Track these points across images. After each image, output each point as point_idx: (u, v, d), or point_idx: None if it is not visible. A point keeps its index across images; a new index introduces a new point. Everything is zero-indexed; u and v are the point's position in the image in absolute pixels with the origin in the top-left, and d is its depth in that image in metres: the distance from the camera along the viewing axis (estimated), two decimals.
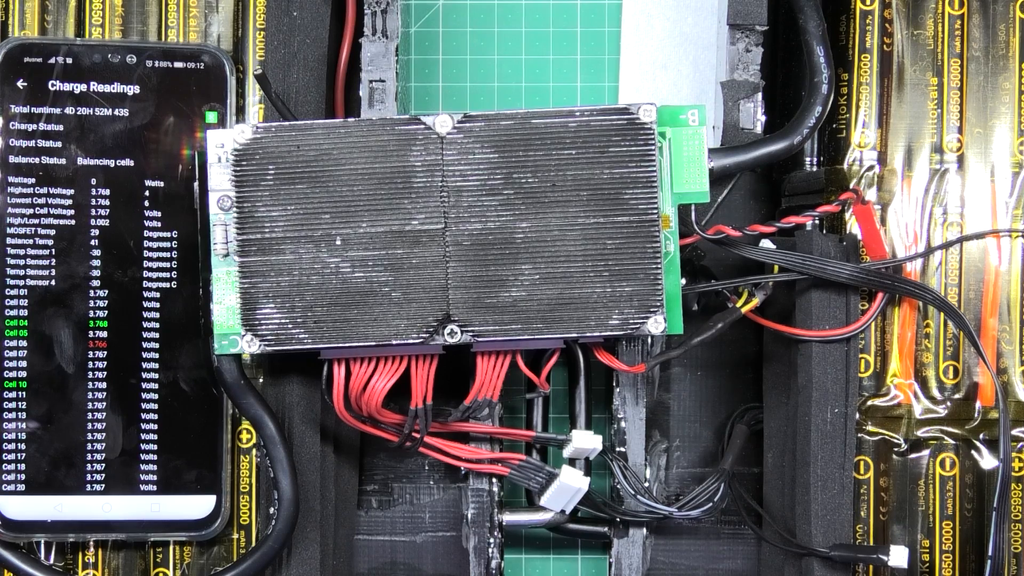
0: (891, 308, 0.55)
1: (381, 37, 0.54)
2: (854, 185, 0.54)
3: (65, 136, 0.54)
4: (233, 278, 0.50)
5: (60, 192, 0.54)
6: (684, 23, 0.61)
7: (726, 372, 0.60)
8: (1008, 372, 0.54)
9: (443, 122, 0.49)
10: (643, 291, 0.49)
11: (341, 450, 0.56)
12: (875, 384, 0.55)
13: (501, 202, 0.49)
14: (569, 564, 0.61)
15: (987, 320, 0.54)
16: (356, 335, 0.49)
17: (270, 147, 0.49)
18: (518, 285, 0.49)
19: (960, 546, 0.55)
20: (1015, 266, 0.55)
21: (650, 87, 0.61)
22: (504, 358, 0.51)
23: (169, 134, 0.54)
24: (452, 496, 0.60)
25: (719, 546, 0.60)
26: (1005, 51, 0.55)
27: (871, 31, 0.55)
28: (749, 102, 0.54)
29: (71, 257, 0.54)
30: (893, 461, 0.55)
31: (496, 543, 0.56)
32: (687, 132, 0.51)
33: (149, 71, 0.54)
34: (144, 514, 0.54)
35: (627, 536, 0.57)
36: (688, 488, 0.56)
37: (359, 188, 0.49)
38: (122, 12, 0.55)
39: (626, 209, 0.49)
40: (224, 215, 0.50)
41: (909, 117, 0.55)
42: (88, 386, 0.54)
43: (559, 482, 0.54)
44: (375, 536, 0.60)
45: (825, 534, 0.53)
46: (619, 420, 0.55)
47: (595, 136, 0.49)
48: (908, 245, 0.55)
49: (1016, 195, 0.55)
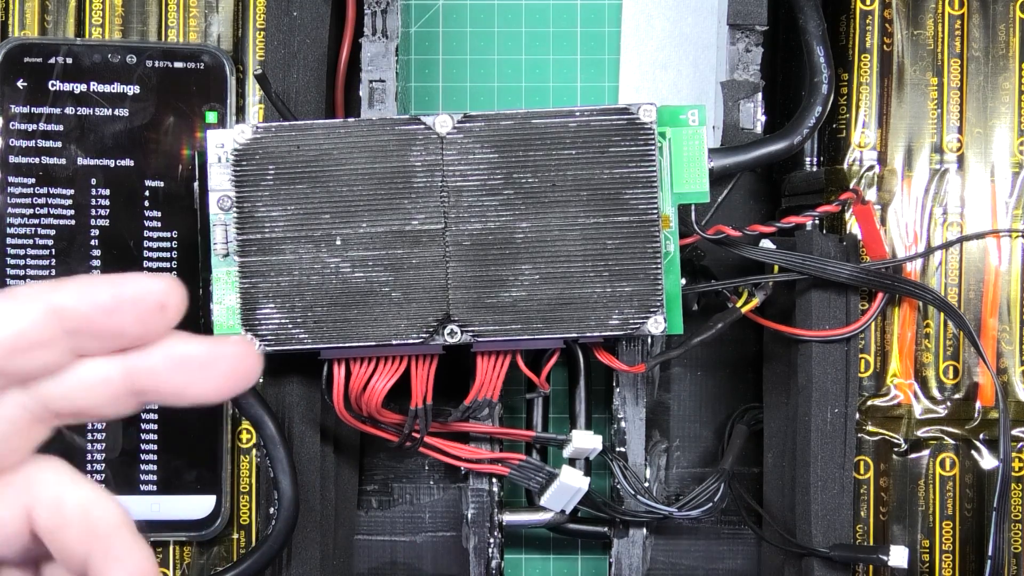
0: (891, 308, 0.55)
1: (381, 37, 0.53)
2: (854, 185, 0.54)
3: (65, 136, 0.54)
4: (233, 278, 0.50)
5: (60, 192, 0.54)
6: (684, 23, 0.61)
7: (726, 372, 0.60)
8: (1008, 372, 0.54)
9: (443, 122, 0.49)
10: (643, 291, 0.49)
11: (341, 450, 0.56)
12: (875, 384, 0.55)
13: (501, 202, 0.49)
14: (569, 564, 0.61)
15: (987, 320, 0.54)
16: (356, 335, 0.49)
17: (270, 147, 0.49)
18: (518, 285, 0.49)
19: (960, 546, 0.55)
20: (1015, 266, 0.55)
21: (650, 87, 0.61)
22: (504, 358, 0.51)
23: (169, 134, 0.54)
24: (452, 496, 0.60)
25: (719, 546, 0.60)
26: (1005, 51, 0.55)
27: (871, 31, 0.55)
28: (749, 102, 0.54)
29: (71, 257, 0.54)
30: (893, 461, 0.55)
31: (496, 543, 0.56)
32: (687, 132, 0.51)
33: (149, 71, 0.54)
34: (144, 514, 0.54)
35: (627, 536, 0.57)
36: (688, 488, 0.56)
37: (359, 188, 0.49)
38: (122, 12, 0.55)
39: (626, 209, 0.49)
40: (224, 215, 0.50)
41: (909, 117, 0.55)
42: None
43: (559, 482, 0.54)
44: (375, 536, 0.60)
45: (825, 534, 0.53)
46: (619, 420, 0.55)
47: (595, 136, 0.49)
48: (908, 245, 0.55)
49: (1016, 195, 0.55)
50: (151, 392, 0.32)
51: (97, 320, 0.31)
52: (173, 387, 0.32)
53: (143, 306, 0.31)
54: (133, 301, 0.31)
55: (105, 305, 0.31)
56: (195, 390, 0.32)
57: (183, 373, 0.32)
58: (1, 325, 0.30)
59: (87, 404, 0.32)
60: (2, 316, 0.30)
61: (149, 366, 0.32)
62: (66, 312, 0.31)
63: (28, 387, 0.32)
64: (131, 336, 0.32)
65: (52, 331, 0.31)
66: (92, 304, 0.31)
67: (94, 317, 0.31)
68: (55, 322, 0.31)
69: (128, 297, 0.31)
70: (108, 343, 0.32)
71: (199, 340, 0.32)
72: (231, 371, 0.32)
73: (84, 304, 0.31)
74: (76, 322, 0.31)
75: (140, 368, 0.32)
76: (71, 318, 0.31)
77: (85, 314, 0.31)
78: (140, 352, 0.32)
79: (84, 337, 0.31)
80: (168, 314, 0.32)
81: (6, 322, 0.30)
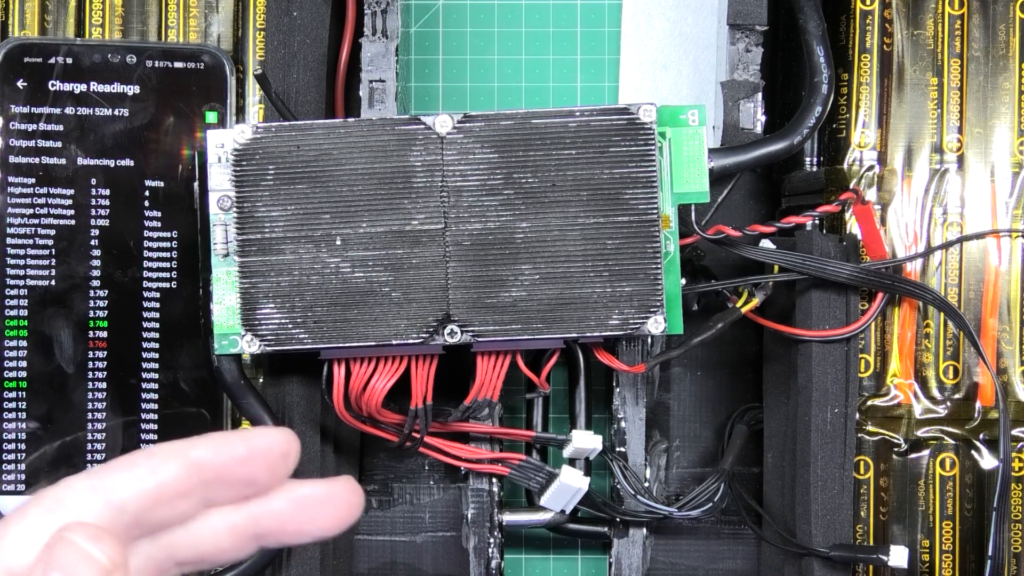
0: (891, 308, 0.55)
1: (381, 37, 0.53)
2: (854, 185, 0.54)
3: (65, 136, 0.54)
4: (233, 278, 0.50)
5: (60, 192, 0.54)
6: (684, 23, 0.61)
7: (726, 372, 0.60)
8: (1008, 372, 0.54)
9: (443, 122, 0.49)
10: (643, 291, 0.49)
11: (341, 450, 0.56)
12: (875, 384, 0.55)
13: (501, 202, 0.49)
14: (569, 564, 0.61)
15: (987, 320, 0.54)
16: (356, 335, 0.49)
17: (270, 147, 0.49)
18: (518, 285, 0.49)
19: (960, 546, 0.55)
20: (1015, 266, 0.55)
21: (650, 87, 0.61)
22: (504, 358, 0.51)
23: (169, 134, 0.54)
24: (452, 496, 0.60)
25: (719, 546, 0.60)
26: (1005, 51, 0.55)
27: (871, 31, 0.55)
28: (749, 102, 0.54)
29: (71, 257, 0.54)
30: (893, 461, 0.55)
31: (496, 543, 0.56)
32: (687, 132, 0.51)
33: (149, 71, 0.54)
34: None
35: (627, 536, 0.56)
36: (688, 488, 0.56)
37: (359, 188, 0.49)
38: (122, 12, 0.55)
39: (626, 209, 0.49)
40: (224, 215, 0.50)
41: (909, 117, 0.55)
42: (88, 386, 0.54)
43: (559, 482, 0.54)
44: (375, 536, 0.60)
45: (825, 534, 0.53)
46: (619, 420, 0.55)
47: (595, 136, 0.49)
48: (908, 245, 0.55)
49: (1016, 195, 0.55)
50: (274, 534, 0.34)
51: (233, 471, 0.33)
52: (295, 527, 0.34)
53: (272, 456, 0.34)
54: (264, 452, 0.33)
55: (240, 457, 0.33)
56: (316, 527, 0.34)
57: (304, 513, 0.34)
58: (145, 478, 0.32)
59: (211, 551, 0.34)
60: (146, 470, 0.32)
61: (273, 510, 0.34)
62: (204, 464, 0.33)
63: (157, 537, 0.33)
64: (260, 484, 0.34)
65: (191, 483, 0.33)
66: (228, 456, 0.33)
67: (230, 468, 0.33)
68: (194, 473, 0.33)
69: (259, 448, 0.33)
70: (239, 492, 0.34)
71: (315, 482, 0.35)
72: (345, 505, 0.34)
73: (221, 457, 0.33)
74: (213, 473, 0.33)
75: (264, 513, 0.34)
76: (208, 470, 0.33)
77: (221, 465, 0.33)
78: (262, 498, 0.34)
79: (217, 487, 0.33)
80: (290, 462, 0.34)
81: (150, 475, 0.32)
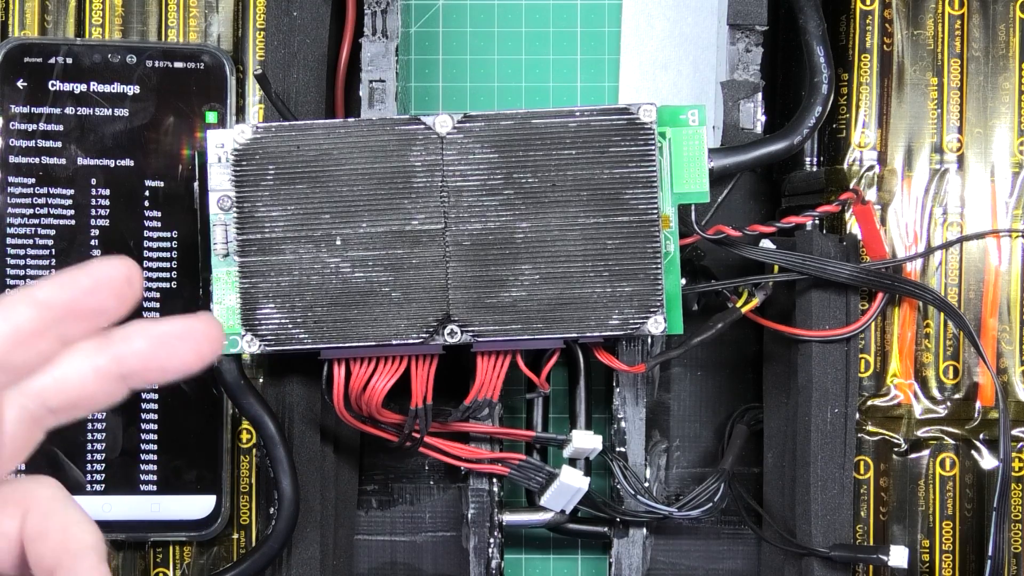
0: (891, 308, 0.55)
1: (381, 37, 0.53)
2: (854, 185, 0.54)
3: (65, 136, 0.54)
4: (233, 278, 0.50)
5: (60, 192, 0.54)
6: (684, 23, 0.61)
7: (726, 372, 0.60)
8: (1008, 372, 0.54)
9: (443, 122, 0.49)
10: (643, 291, 0.49)
11: (341, 450, 0.56)
12: (875, 384, 0.55)
13: (501, 202, 0.49)
14: (569, 564, 0.61)
15: (987, 320, 0.54)
16: (356, 335, 0.49)
17: (270, 147, 0.49)
18: (518, 285, 0.49)
19: (960, 546, 0.55)
20: (1015, 266, 0.55)
21: (650, 87, 0.61)
22: (504, 358, 0.51)
23: (169, 134, 0.54)
24: (452, 496, 0.60)
25: (719, 546, 0.60)
26: (1005, 51, 0.55)
27: (871, 31, 0.55)
28: (749, 102, 0.54)
29: (71, 257, 0.54)
30: (893, 461, 0.55)
31: (496, 543, 0.56)
32: (687, 132, 0.51)
33: (149, 71, 0.54)
34: (144, 514, 0.54)
35: (627, 536, 0.56)
36: (688, 488, 0.56)
37: (359, 188, 0.49)
38: (122, 12, 0.55)
39: (626, 209, 0.49)
40: (224, 215, 0.50)
41: (909, 117, 0.55)
42: None
43: (559, 482, 0.54)
44: (375, 536, 0.60)
45: (825, 534, 0.53)
46: (619, 420, 0.55)
47: (595, 136, 0.49)
48: (908, 245, 0.55)
49: (1016, 195, 0.55)
50: (138, 372, 0.35)
51: (80, 303, 0.34)
52: (157, 364, 0.35)
53: (116, 283, 0.35)
54: (108, 281, 0.34)
55: (85, 288, 0.34)
56: (177, 362, 0.35)
57: (164, 348, 0.35)
58: None
59: (80, 394, 0.35)
60: None
61: (134, 350, 0.35)
62: (52, 302, 0.34)
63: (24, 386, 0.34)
64: (111, 312, 0.35)
65: (43, 321, 0.34)
66: (74, 290, 0.34)
67: (78, 300, 0.34)
68: (44, 312, 0.34)
69: (103, 278, 0.34)
70: (92, 323, 0.35)
71: (172, 318, 0.36)
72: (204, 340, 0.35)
73: (67, 292, 0.34)
74: (62, 309, 0.34)
75: (124, 352, 0.35)
76: (57, 306, 0.34)
77: (70, 299, 0.34)
78: (122, 338, 0.35)
79: (71, 322, 0.34)
80: (135, 286, 0.35)
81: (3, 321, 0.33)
